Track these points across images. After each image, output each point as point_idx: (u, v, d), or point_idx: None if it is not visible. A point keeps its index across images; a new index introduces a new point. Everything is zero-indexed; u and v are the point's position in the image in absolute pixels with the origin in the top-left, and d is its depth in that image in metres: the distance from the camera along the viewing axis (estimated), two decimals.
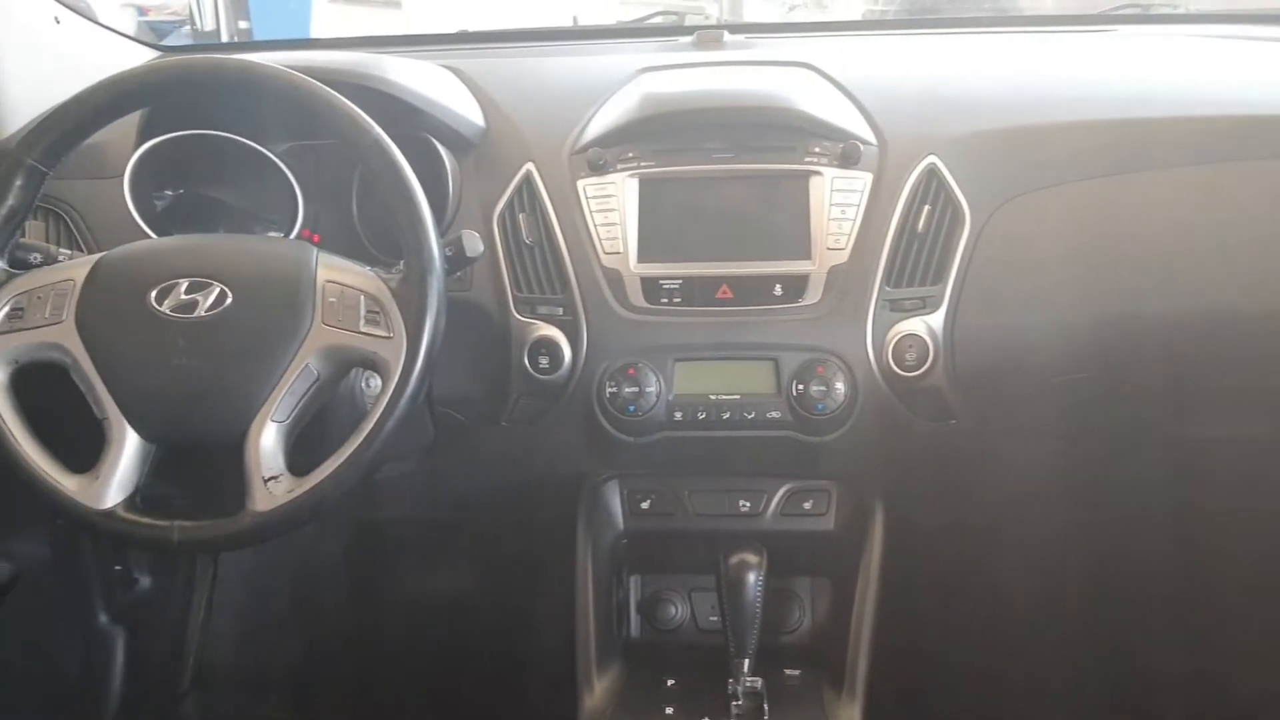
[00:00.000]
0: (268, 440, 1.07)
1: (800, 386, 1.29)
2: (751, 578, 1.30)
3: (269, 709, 1.91)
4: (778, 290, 1.30)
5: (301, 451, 1.10)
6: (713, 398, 1.31)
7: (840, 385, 1.28)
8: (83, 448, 1.09)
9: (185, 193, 1.40)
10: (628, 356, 1.31)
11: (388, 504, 1.62)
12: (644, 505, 1.43)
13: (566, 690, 1.40)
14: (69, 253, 1.20)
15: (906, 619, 1.41)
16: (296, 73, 1.12)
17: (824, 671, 1.42)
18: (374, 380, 1.25)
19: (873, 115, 1.37)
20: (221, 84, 1.13)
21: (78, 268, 1.13)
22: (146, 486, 1.10)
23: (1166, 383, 1.38)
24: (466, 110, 1.42)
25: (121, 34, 1.76)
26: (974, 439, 1.36)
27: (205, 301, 1.09)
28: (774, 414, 1.30)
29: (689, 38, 1.70)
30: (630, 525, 1.44)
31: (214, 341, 1.08)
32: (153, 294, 1.09)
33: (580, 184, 1.34)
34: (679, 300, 1.31)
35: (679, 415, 1.31)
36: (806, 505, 1.41)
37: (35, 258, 1.17)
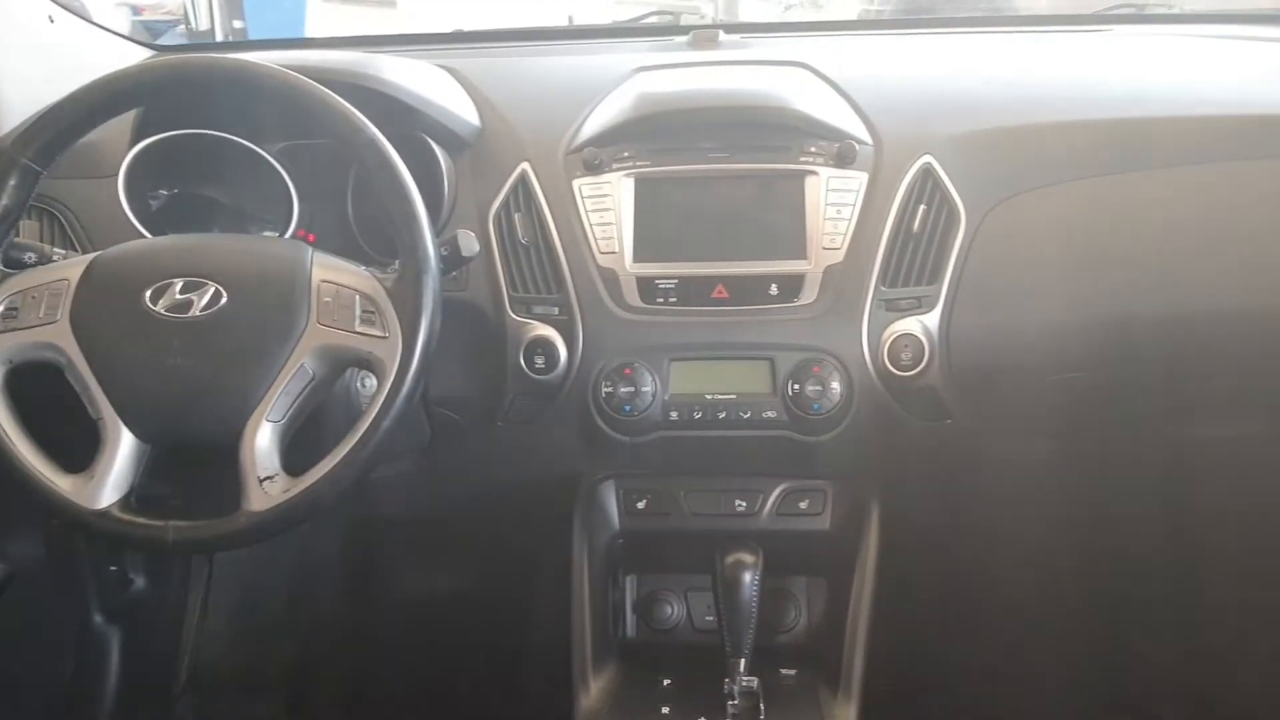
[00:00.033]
0: (263, 440, 1.07)
1: (796, 386, 1.29)
2: (747, 577, 1.30)
3: (265, 709, 1.91)
4: (773, 290, 1.30)
5: (297, 451, 1.10)
6: (708, 397, 1.31)
7: (836, 385, 1.28)
8: (77, 448, 1.09)
9: (180, 192, 1.39)
10: (624, 356, 1.30)
11: (383, 504, 1.62)
12: (640, 505, 1.43)
13: (562, 690, 1.39)
14: (63, 252, 1.20)
15: (902, 618, 1.41)
16: (291, 72, 1.12)
17: (820, 671, 1.42)
18: (369, 380, 1.25)
19: (868, 115, 1.37)
20: (216, 83, 1.13)
21: (72, 267, 1.13)
22: (141, 486, 1.10)
23: (1161, 381, 1.38)
24: (462, 110, 1.42)
25: (116, 33, 1.76)
26: (969, 438, 1.36)
27: (200, 301, 1.09)
28: (770, 414, 1.30)
29: (684, 37, 1.71)
30: (626, 525, 1.44)
31: (209, 341, 1.08)
32: (147, 294, 1.09)
33: (576, 184, 1.34)
34: (675, 300, 1.31)
35: (675, 415, 1.31)
36: (802, 505, 1.41)
37: (30, 257, 1.17)
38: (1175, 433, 1.46)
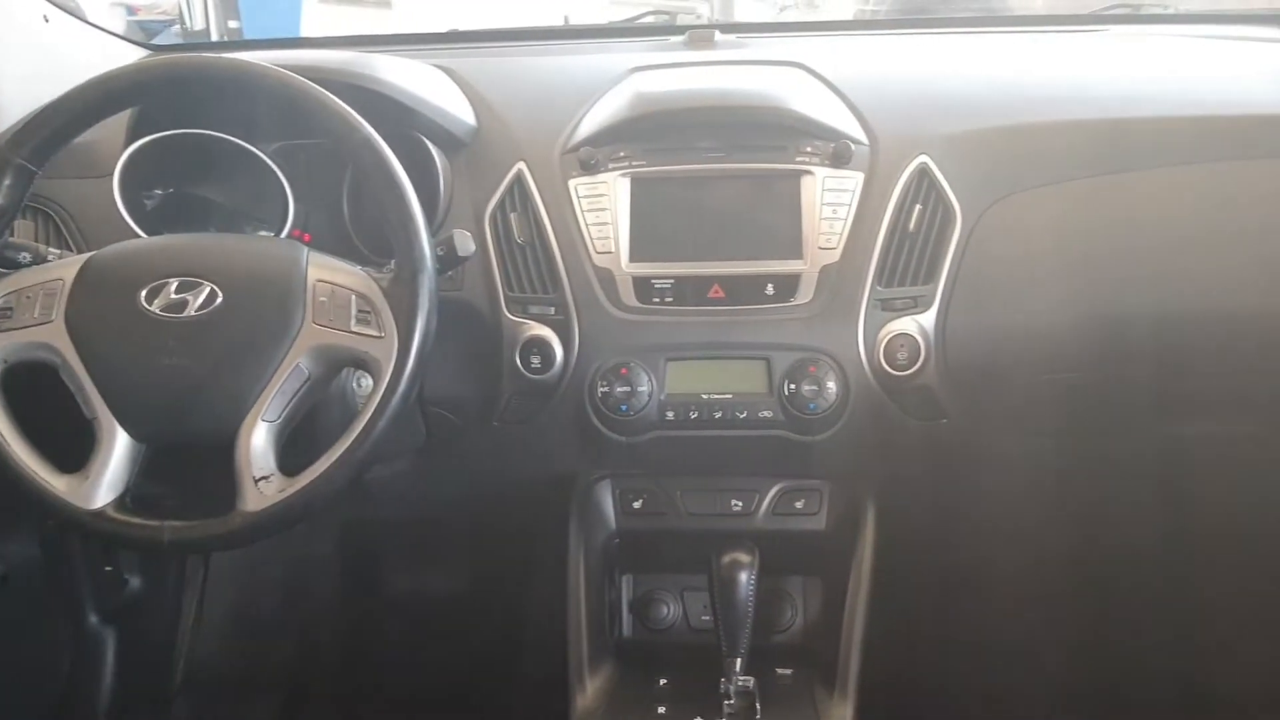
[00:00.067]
0: (258, 440, 1.06)
1: (792, 386, 1.29)
2: (743, 577, 1.30)
3: (260, 710, 1.91)
4: (769, 290, 1.30)
5: (292, 451, 1.09)
6: (705, 397, 1.31)
7: (832, 384, 1.28)
8: (72, 448, 1.09)
9: (175, 192, 1.39)
10: (620, 356, 1.30)
11: (379, 504, 1.62)
12: (636, 505, 1.43)
13: (559, 690, 1.39)
14: (58, 252, 1.20)
15: (898, 618, 1.42)
16: (287, 71, 1.11)
17: (816, 670, 1.42)
18: (365, 380, 1.25)
19: (864, 115, 1.37)
20: (212, 83, 1.13)
21: (67, 267, 1.13)
22: (137, 487, 1.09)
23: (1156, 381, 1.38)
24: (458, 109, 1.42)
25: (111, 33, 1.75)
26: (965, 438, 1.36)
27: (195, 301, 1.09)
28: (766, 413, 1.30)
29: (680, 37, 1.71)
30: (622, 525, 1.44)
31: (204, 341, 1.08)
32: (142, 293, 1.09)
33: (572, 183, 1.34)
34: (671, 300, 1.31)
35: (671, 415, 1.31)
36: (798, 504, 1.41)
37: (24, 257, 1.16)
38: (1170, 431, 1.46)
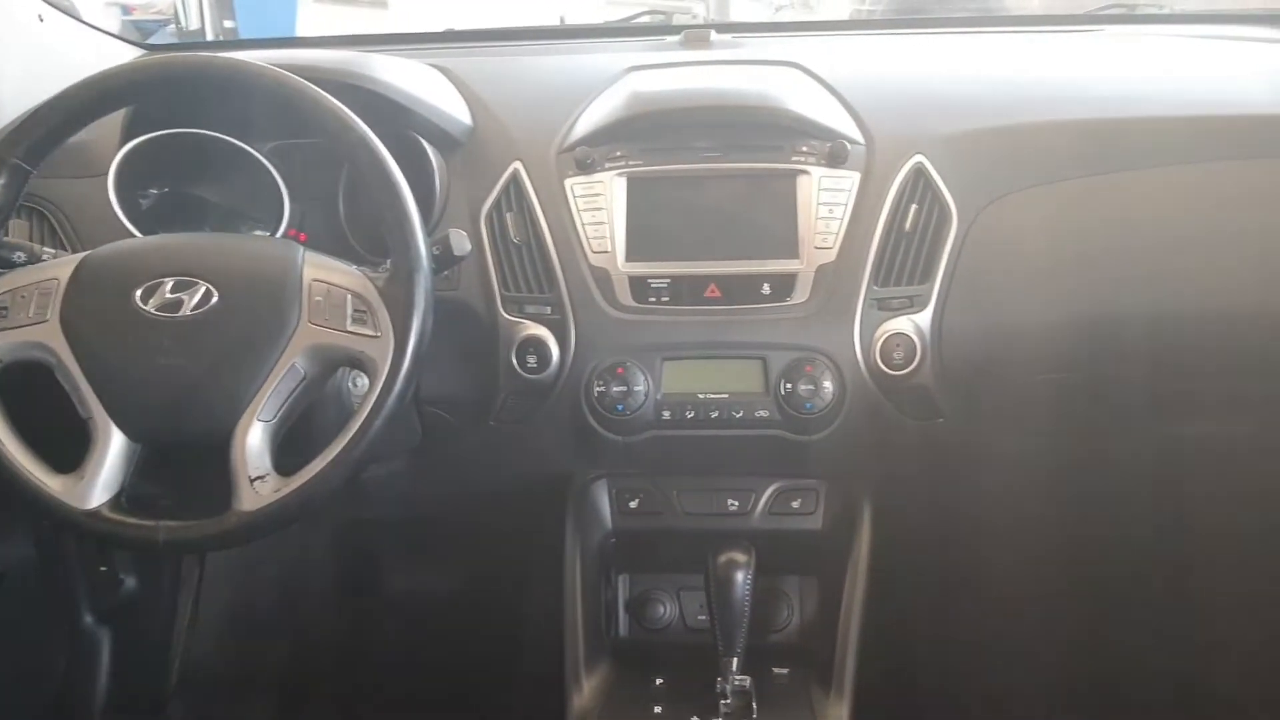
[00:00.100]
0: (254, 440, 1.06)
1: (788, 385, 1.29)
2: (740, 577, 1.30)
3: (256, 710, 1.90)
4: (766, 289, 1.30)
5: (288, 451, 1.09)
6: (701, 397, 1.31)
7: (828, 384, 1.28)
8: (67, 447, 1.09)
9: (170, 191, 1.39)
10: (616, 355, 1.30)
11: (375, 504, 1.62)
12: (632, 504, 1.43)
13: (555, 689, 1.39)
14: (53, 252, 1.20)
15: (894, 617, 1.42)
16: (283, 71, 1.11)
17: (812, 670, 1.42)
18: (361, 380, 1.24)
19: (860, 114, 1.37)
20: (207, 82, 1.13)
21: (62, 267, 1.13)
22: (132, 486, 1.09)
23: (1152, 380, 1.38)
24: (454, 109, 1.41)
25: (106, 32, 1.75)
26: (961, 437, 1.36)
27: (191, 300, 1.08)
28: (762, 413, 1.30)
29: (676, 37, 1.71)
30: (619, 524, 1.44)
31: (199, 341, 1.07)
32: (138, 293, 1.09)
33: (568, 183, 1.34)
34: (667, 299, 1.31)
35: (667, 414, 1.31)
36: (795, 504, 1.41)
37: (19, 256, 1.16)
38: (1166, 431, 1.47)
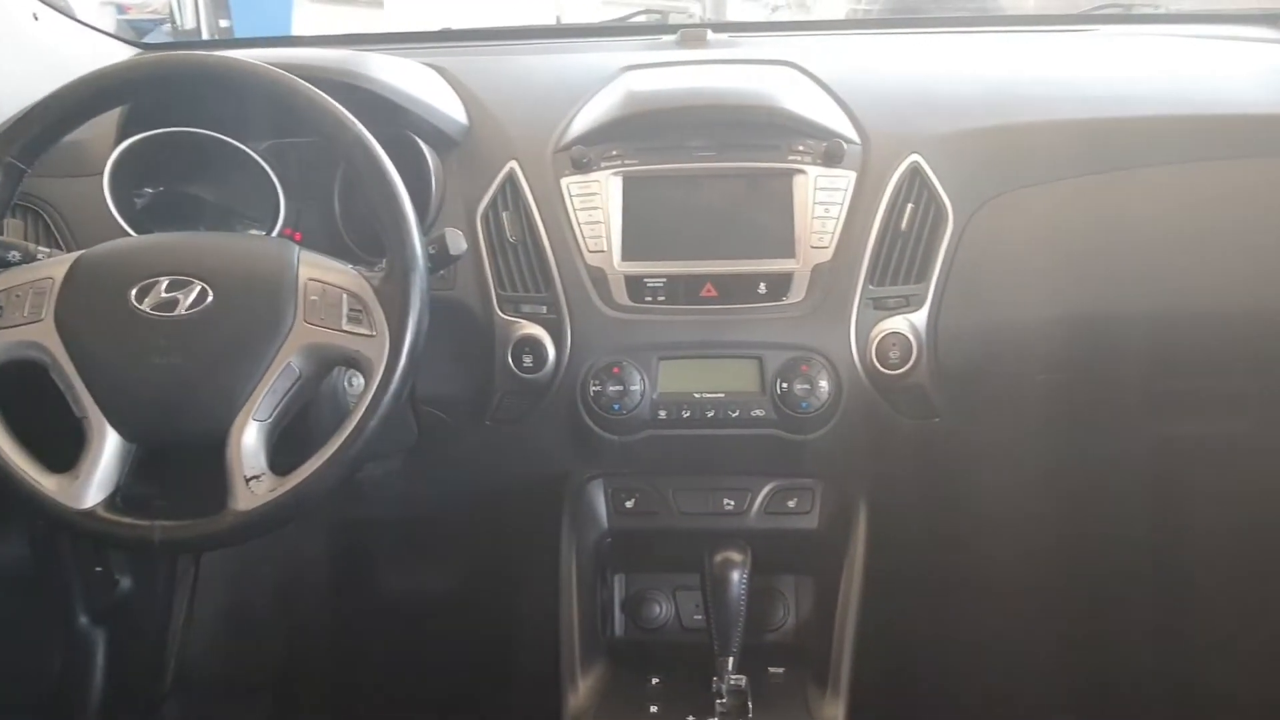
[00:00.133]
0: (249, 439, 1.06)
1: (784, 385, 1.29)
2: (736, 576, 1.30)
3: (251, 710, 1.90)
4: (762, 289, 1.30)
5: (283, 451, 1.09)
6: (697, 396, 1.31)
7: (824, 383, 1.28)
8: (62, 447, 1.08)
9: (165, 190, 1.38)
10: (612, 355, 1.30)
11: (370, 504, 1.61)
12: (628, 504, 1.43)
13: (550, 689, 1.39)
14: (48, 251, 1.19)
15: (890, 616, 1.41)
16: (278, 70, 1.11)
17: (808, 669, 1.42)
18: (356, 379, 1.24)
19: (856, 114, 1.37)
20: (203, 81, 1.13)
21: (57, 266, 1.12)
22: (127, 486, 1.09)
23: (1147, 379, 1.39)
24: (449, 108, 1.41)
25: (101, 31, 1.75)
26: (956, 437, 1.36)
27: (186, 300, 1.08)
28: (758, 412, 1.30)
29: (672, 36, 1.70)
30: (614, 524, 1.44)
31: (195, 340, 1.07)
32: (133, 292, 1.08)
33: (564, 182, 1.33)
34: (663, 299, 1.31)
35: (663, 414, 1.31)
36: (791, 503, 1.41)
37: (13, 256, 1.15)
38: (1160, 429, 1.47)
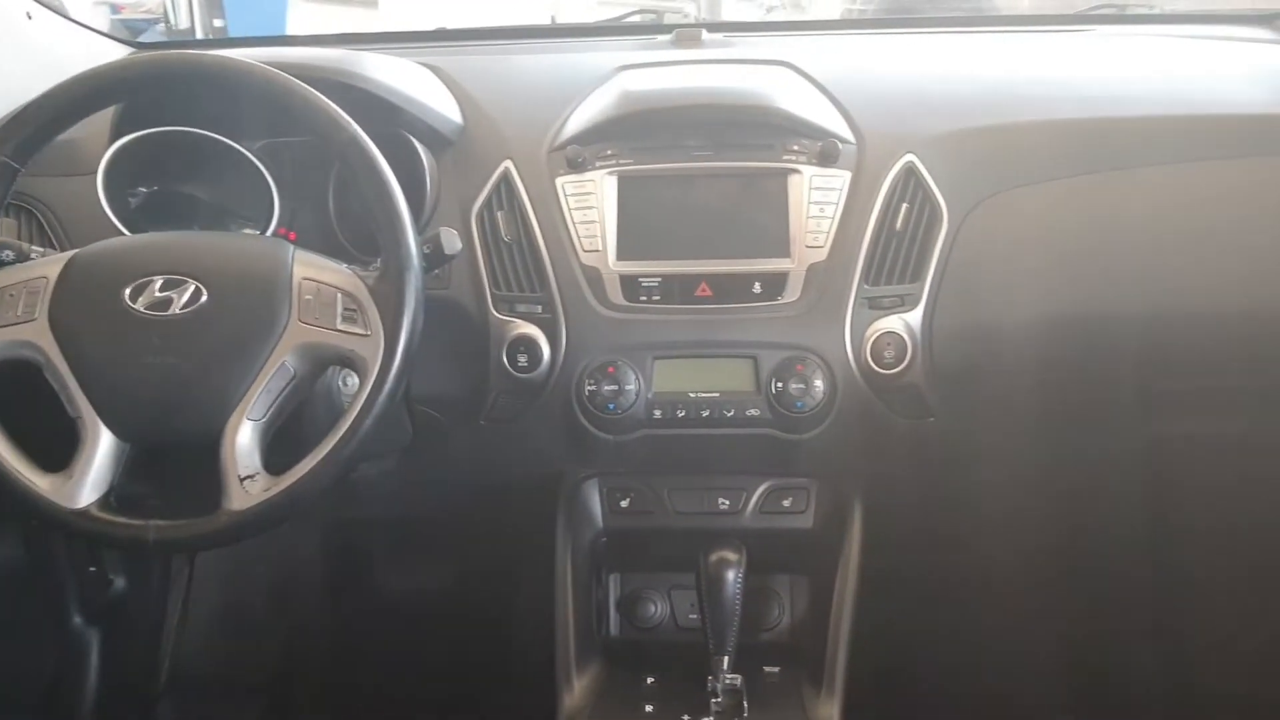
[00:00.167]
0: (244, 439, 1.06)
1: (779, 384, 1.29)
2: (731, 575, 1.30)
3: (245, 710, 1.90)
4: (757, 288, 1.30)
5: (278, 450, 1.09)
6: (692, 396, 1.31)
7: (819, 383, 1.28)
8: (56, 447, 1.08)
9: (159, 190, 1.38)
10: (607, 354, 1.30)
11: (365, 503, 1.61)
12: (623, 503, 1.43)
13: (546, 689, 1.39)
14: (41, 250, 1.19)
15: (885, 616, 1.42)
16: (273, 69, 1.11)
17: (803, 668, 1.42)
18: (351, 378, 1.24)
19: (851, 114, 1.37)
20: (197, 80, 1.13)
21: (50, 265, 1.12)
22: (121, 486, 1.09)
23: (1141, 379, 1.39)
24: (444, 108, 1.41)
25: (95, 30, 1.74)
26: (952, 436, 1.36)
27: (180, 299, 1.08)
28: (753, 412, 1.30)
29: (667, 36, 1.70)
30: (610, 524, 1.44)
31: (189, 339, 1.07)
32: (127, 291, 1.08)
33: (559, 181, 1.33)
34: (658, 298, 1.31)
35: (658, 413, 1.31)
36: (786, 503, 1.41)
37: (7, 255, 1.15)
38: (1155, 429, 1.47)
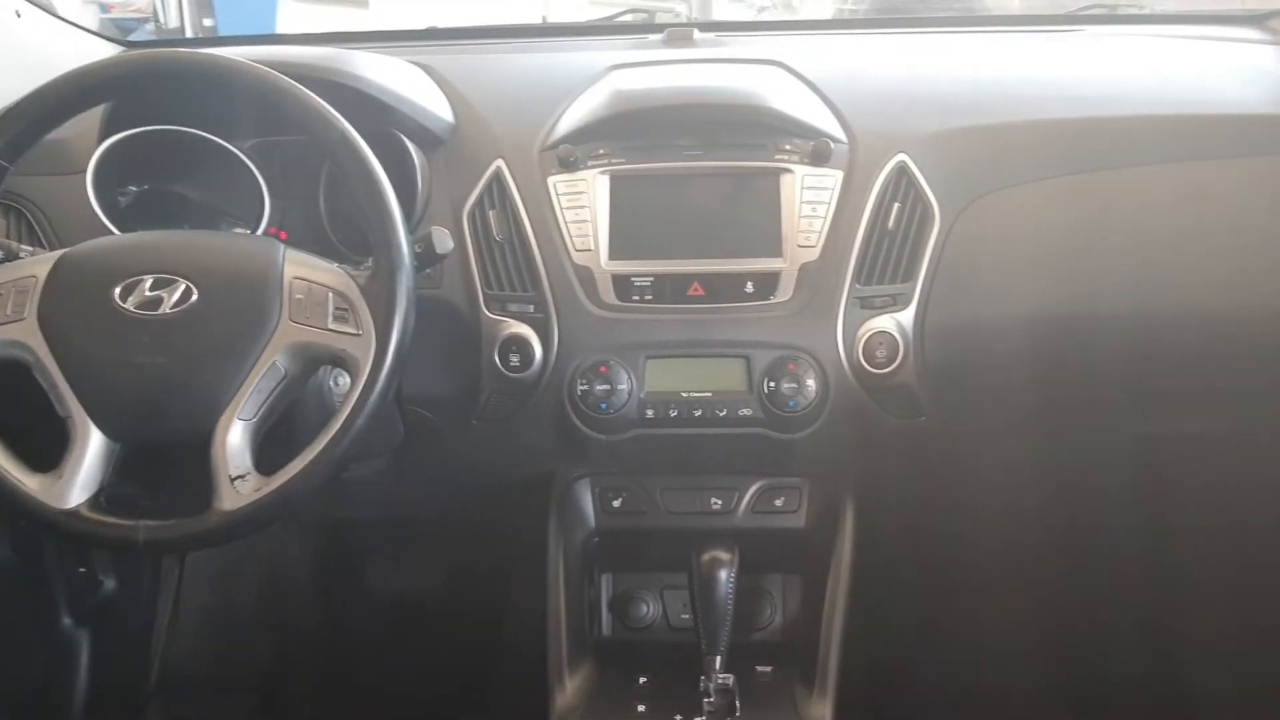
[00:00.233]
0: (234, 438, 1.05)
1: (772, 384, 1.29)
2: (723, 575, 1.30)
3: (236, 712, 1.89)
4: (749, 288, 1.30)
5: (269, 450, 1.08)
6: (684, 395, 1.31)
7: (811, 382, 1.28)
8: (45, 447, 1.07)
9: (149, 189, 1.37)
10: (599, 354, 1.30)
11: (357, 504, 1.61)
12: (615, 503, 1.43)
13: (538, 689, 1.39)
14: (31, 249, 1.18)
15: (877, 615, 1.42)
16: (264, 67, 1.11)
17: (795, 668, 1.42)
18: (343, 378, 1.24)
19: (843, 113, 1.37)
20: (187, 78, 1.12)
21: (40, 264, 1.11)
22: (111, 486, 1.08)
23: (1132, 378, 1.39)
24: (436, 106, 1.41)
25: (84, 29, 1.73)
26: (943, 435, 1.36)
27: (170, 298, 1.07)
28: (745, 411, 1.30)
29: (659, 35, 1.70)
30: (602, 523, 1.43)
31: (179, 339, 1.07)
32: (116, 291, 1.08)
33: (551, 181, 1.33)
34: (650, 298, 1.31)
35: (650, 413, 1.31)
36: (778, 502, 1.41)
37: None
38: (1145, 428, 1.48)
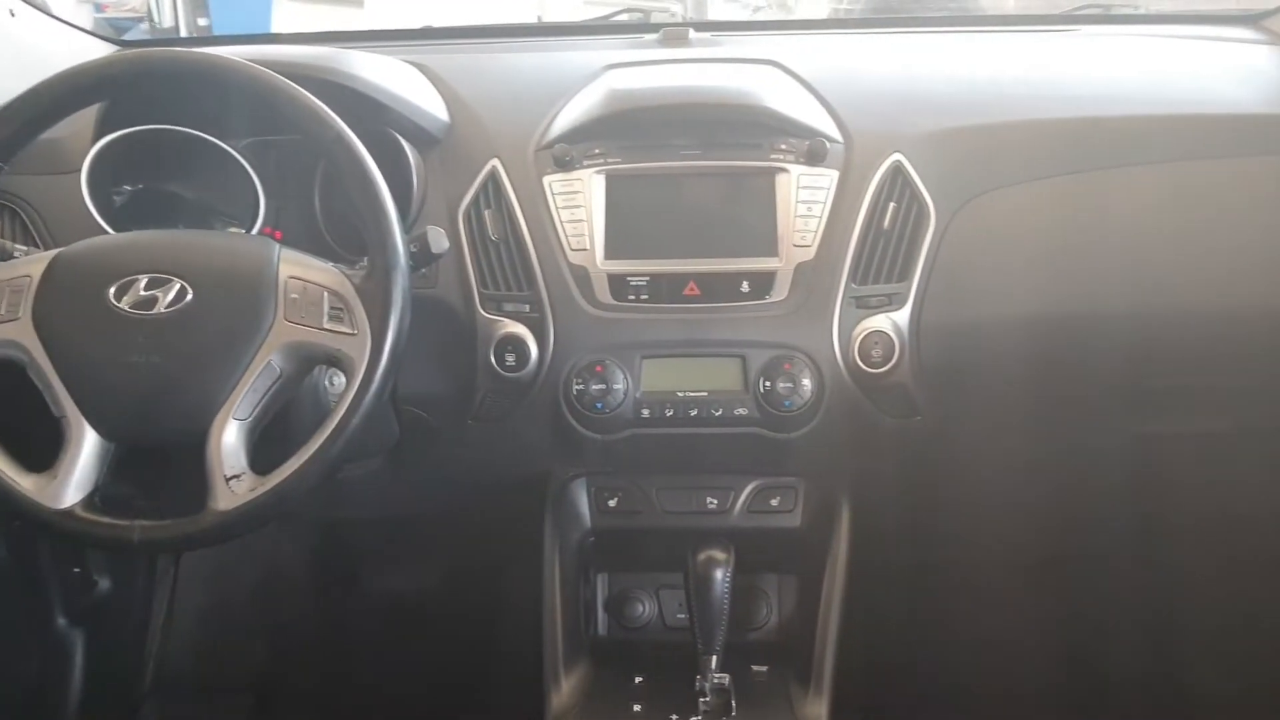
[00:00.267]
0: (229, 438, 1.05)
1: (767, 383, 1.29)
2: (719, 575, 1.30)
3: (231, 712, 1.89)
4: (745, 287, 1.30)
5: (264, 450, 1.08)
6: (680, 395, 1.31)
7: (807, 382, 1.28)
8: (40, 446, 1.07)
9: (144, 188, 1.37)
10: (595, 353, 1.30)
11: (352, 503, 1.60)
12: (611, 503, 1.42)
13: (534, 689, 1.39)
14: (25, 249, 1.18)
15: (872, 615, 1.42)
16: (259, 66, 1.10)
17: (791, 667, 1.42)
18: (338, 378, 1.23)
19: (839, 113, 1.37)
20: (182, 77, 1.12)
21: (34, 264, 1.11)
22: (106, 486, 1.08)
23: (1127, 378, 1.39)
24: (431, 106, 1.41)
25: (79, 28, 1.73)
26: (939, 435, 1.36)
27: (165, 298, 1.07)
28: (741, 411, 1.30)
29: (655, 35, 1.70)
30: (597, 523, 1.43)
31: (174, 338, 1.06)
32: (111, 290, 1.07)
33: (546, 180, 1.33)
34: (646, 297, 1.30)
35: (646, 412, 1.31)
36: (774, 502, 1.41)
37: None
38: (1141, 429, 1.48)
